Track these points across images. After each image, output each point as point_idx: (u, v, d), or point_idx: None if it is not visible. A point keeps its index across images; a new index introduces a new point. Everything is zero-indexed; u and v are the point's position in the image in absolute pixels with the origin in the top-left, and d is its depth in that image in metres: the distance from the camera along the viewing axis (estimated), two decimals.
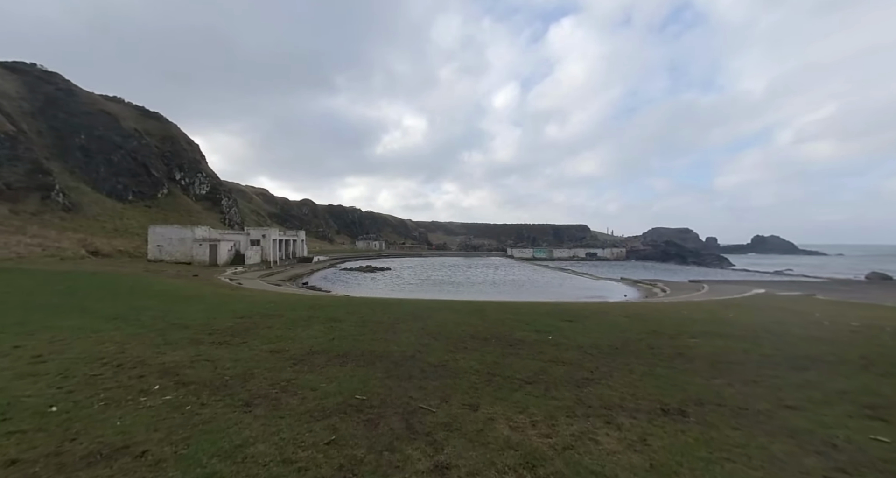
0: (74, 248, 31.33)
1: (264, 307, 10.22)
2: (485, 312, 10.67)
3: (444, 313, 10.06)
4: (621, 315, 10.24)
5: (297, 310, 9.90)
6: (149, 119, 64.51)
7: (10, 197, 39.98)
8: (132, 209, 53.02)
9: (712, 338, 7.35)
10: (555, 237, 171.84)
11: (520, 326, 8.16)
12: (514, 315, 9.98)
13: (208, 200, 66.78)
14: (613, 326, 8.48)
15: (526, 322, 8.75)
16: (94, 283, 15.37)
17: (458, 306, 11.80)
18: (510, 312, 10.77)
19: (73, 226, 40.48)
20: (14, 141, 42.89)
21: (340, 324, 7.83)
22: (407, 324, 8.13)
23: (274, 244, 41.14)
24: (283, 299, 12.73)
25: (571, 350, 6.08)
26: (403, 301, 13.56)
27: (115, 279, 17.08)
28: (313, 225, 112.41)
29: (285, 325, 7.62)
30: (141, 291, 13.14)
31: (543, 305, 12.69)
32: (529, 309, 11.52)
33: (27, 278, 15.83)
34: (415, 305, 11.83)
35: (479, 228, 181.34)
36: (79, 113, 52.75)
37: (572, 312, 10.68)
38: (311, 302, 11.98)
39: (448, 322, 8.59)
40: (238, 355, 5.17)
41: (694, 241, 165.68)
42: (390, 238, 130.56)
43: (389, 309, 10.74)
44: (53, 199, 43.32)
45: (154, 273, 23.27)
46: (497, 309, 11.32)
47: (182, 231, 33.41)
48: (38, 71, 53.30)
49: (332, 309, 10.35)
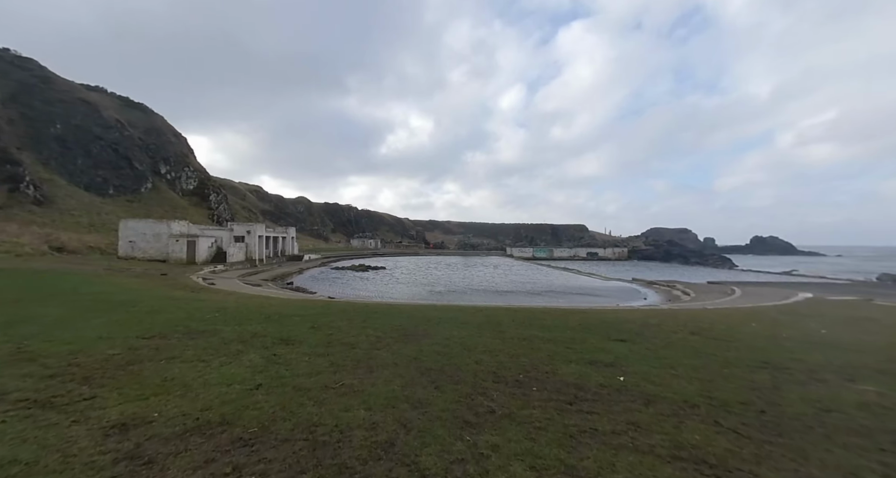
0: (36, 243, 28.40)
1: (202, 319, 7.52)
2: (501, 324, 8.03)
3: (447, 328, 7.42)
4: (684, 331, 7.64)
5: (245, 323, 7.22)
6: (132, 109, 61.41)
7: None
8: (112, 204, 49.99)
9: (874, 376, 4.77)
10: (553, 237, 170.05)
11: (561, 353, 5.54)
12: (541, 331, 7.36)
13: (196, 196, 63.78)
14: (692, 352, 5.87)
15: (565, 344, 6.13)
16: (14, 283, 12.59)
17: (464, 316, 9.16)
18: (534, 324, 8.15)
19: (42, 220, 37.48)
20: None
21: (291, 350, 5.17)
22: (392, 348, 5.48)
23: (260, 241, 38.33)
24: (241, 306, 10.04)
25: (679, 410, 3.47)
26: (394, 307, 10.92)
27: (49, 279, 14.30)
28: (308, 223, 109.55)
29: (205, 352, 4.95)
30: (62, 295, 10.40)
31: (571, 314, 10.08)
32: (556, 320, 8.90)
33: None
34: (408, 314, 9.19)
35: (477, 227, 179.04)
36: (54, 101, 49.64)
37: (617, 326, 8.07)
38: (275, 310, 9.31)
39: (453, 344, 5.95)
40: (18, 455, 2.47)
41: (692, 241, 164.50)
42: (387, 237, 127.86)
43: (373, 320, 8.09)
44: (22, 191, 40.32)
45: (115, 272, 20.46)
46: (515, 320, 8.69)
47: (157, 226, 30.56)
48: (10, 56, 50.13)
49: (295, 321, 7.69)
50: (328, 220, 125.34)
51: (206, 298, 12.11)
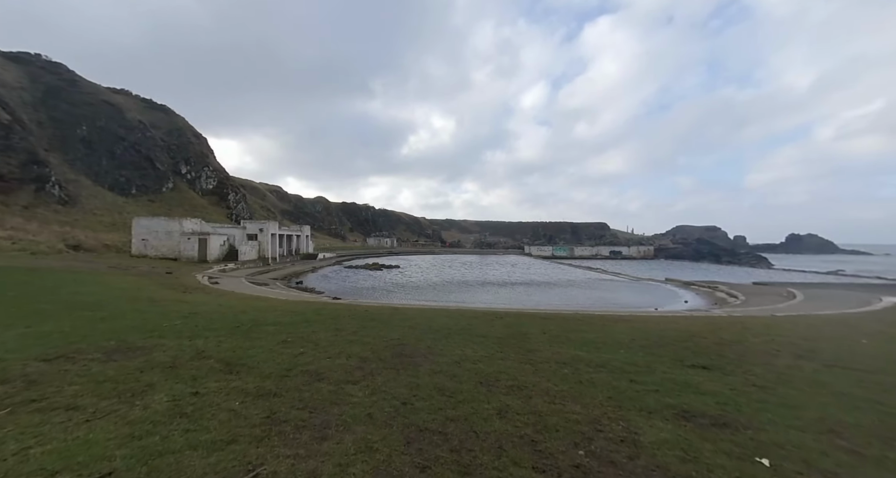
0: (53, 242, 28.53)
1: (153, 329, 6.07)
2: (528, 338, 6.20)
3: (457, 343, 5.68)
4: (788, 353, 5.56)
5: (202, 335, 5.69)
6: (155, 111, 62.71)
7: (1, 189, 37.97)
8: (134, 203, 50.92)
9: None
10: (573, 235, 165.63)
11: (627, 393, 3.66)
12: (585, 349, 5.49)
13: (215, 195, 64.61)
14: (834, 396, 3.86)
15: (627, 375, 4.24)
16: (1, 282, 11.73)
17: (481, 326, 7.35)
18: (572, 338, 6.26)
19: (64, 219, 38.19)
20: (8, 131, 40.99)
21: (225, 385, 3.52)
22: (375, 382, 3.76)
23: (273, 239, 37.71)
24: (219, 310, 8.61)
25: None
26: (398, 312, 9.24)
27: (35, 278, 13.47)
28: (326, 222, 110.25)
29: (98, 388, 3.38)
30: (28, 296, 9.30)
31: (614, 324, 8.10)
32: (599, 332, 6.97)
33: None
34: (411, 322, 7.48)
35: (493, 225, 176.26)
36: (81, 104, 50.99)
37: (683, 343, 6.08)
38: (254, 316, 7.81)
39: (464, 373, 4.18)
40: None
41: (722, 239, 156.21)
42: (403, 236, 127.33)
43: (367, 330, 6.43)
44: (48, 191, 41.31)
45: (118, 270, 19.82)
46: (546, 331, 6.82)
47: (168, 223, 30.22)
48: (41, 61, 51.86)
49: (267, 333, 6.12)
50: (346, 219, 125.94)
51: (191, 299, 10.82)
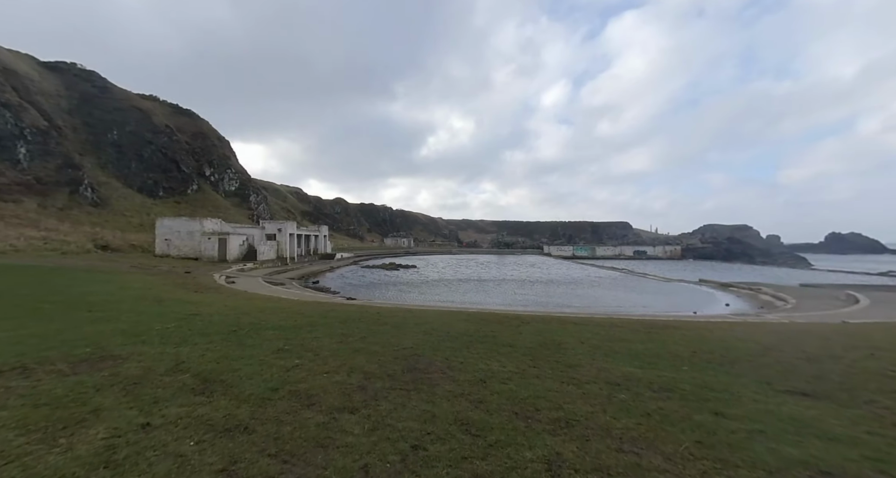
0: (82, 242, 29.48)
1: (143, 334, 5.47)
2: (564, 349, 5.21)
3: (479, 356, 4.77)
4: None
5: (191, 341, 5.02)
6: (180, 116, 64.78)
7: (39, 191, 39.80)
8: (161, 205, 52.57)
9: None
10: (593, 235, 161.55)
11: (718, 433, 2.65)
12: (636, 365, 4.46)
13: (237, 196, 66.14)
14: None
15: (708, 405, 3.20)
16: (19, 281, 11.70)
17: (506, 333, 6.40)
18: (618, 350, 5.22)
19: (97, 221, 39.65)
20: (46, 136, 43.03)
21: (187, 412, 2.75)
22: (378, 411, 2.91)
23: (291, 239, 37.86)
24: (222, 312, 8.04)
25: None
26: (412, 315, 8.40)
27: (54, 276, 13.48)
28: (345, 223, 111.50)
29: (37, 418, 2.67)
30: (37, 295, 9.05)
31: (661, 331, 6.96)
32: (648, 341, 5.88)
33: None
34: (427, 328, 6.63)
35: (511, 225, 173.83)
36: (112, 109, 53.12)
37: (759, 359, 4.94)
38: (255, 319, 7.16)
39: (491, 397, 3.28)
40: None
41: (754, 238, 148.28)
42: (420, 236, 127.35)
43: (376, 337, 5.62)
44: (82, 194, 43.04)
45: (138, 270, 19.99)
46: (584, 340, 5.79)
47: (190, 224, 30.68)
48: (76, 69, 54.38)
49: (264, 339, 5.40)
50: (364, 220, 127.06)
51: (199, 299, 10.37)
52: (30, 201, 37.40)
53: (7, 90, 43.29)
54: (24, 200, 36.85)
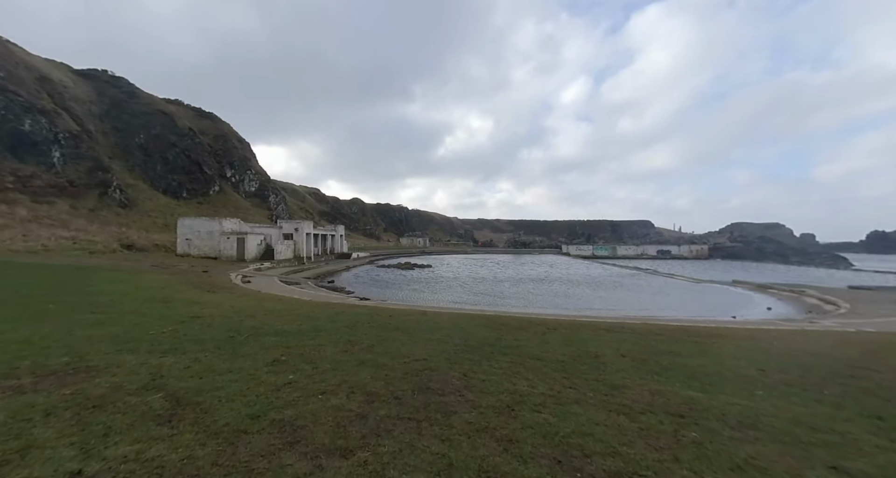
0: (109, 242, 30.39)
1: (134, 340, 5.03)
2: (605, 367, 4.40)
3: (504, 372, 4.06)
4: None
5: (180, 349, 4.53)
6: (203, 119, 66.60)
7: (71, 193, 41.49)
8: (185, 206, 54.09)
9: None
10: (613, 234, 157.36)
11: None
12: (699, 388, 3.64)
13: (257, 197, 67.51)
14: None
15: (823, 458, 2.38)
16: (39, 280, 11.78)
17: (531, 341, 5.64)
18: (668, 367, 4.38)
19: (124, 221, 41.02)
20: (78, 140, 44.86)
21: (146, 448, 2.17)
22: (381, 448, 2.25)
23: (308, 238, 38.02)
24: (226, 314, 7.62)
25: None
26: (427, 318, 7.74)
27: (80, 276, 13.58)
28: (362, 223, 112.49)
29: None
30: (43, 295, 8.91)
31: (713, 342, 6.03)
32: (705, 358, 4.99)
33: None
34: (442, 335, 5.96)
35: (528, 224, 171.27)
36: (139, 114, 55.03)
37: (858, 382, 4.01)
38: (258, 323, 6.67)
39: (524, 435, 2.56)
40: None
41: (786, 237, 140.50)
42: (436, 236, 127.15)
43: (385, 345, 4.99)
44: (111, 195, 44.65)
45: (158, 269, 20.22)
46: (626, 356, 4.96)
47: (209, 223, 31.16)
48: (107, 76, 56.63)
49: (262, 346, 4.86)
50: (380, 219, 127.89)
51: (208, 300, 10.06)
52: (62, 203, 38.99)
53: (43, 97, 45.40)
54: (58, 202, 38.45)
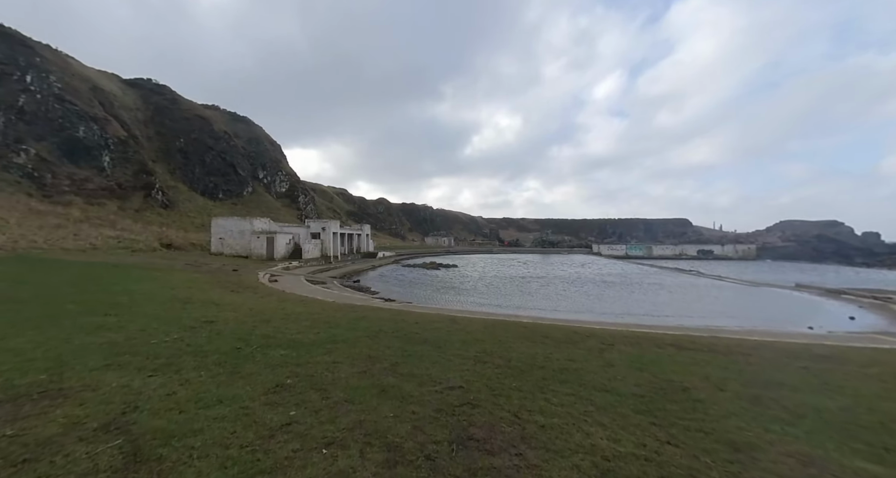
0: (150, 241, 31.80)
1: (127, 352, 4.43)
2: (705, 408, 3.26)
3: (566, 411, 3.03)
4: None
5: (170, 368, 3.84)
6: (238, 122, 69.28)
7: (119, 195, 44.11)
8: (221, 206, 56.38)
9: None
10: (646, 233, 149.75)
11: None
12: (872, 455, 2.43)
13: (287, 198, 69.42)
14: None
15: None
16: (73, 276, 11.97)
17: (590, 362, 4.54)
18: (797, 410, 3.17)
19: (165, 221, 43.12)
20: (125, 145, 47.69)
21: None
22: None
23: (335, 238, 38.22)
24: (243, 320, 7.05)
25: None
26: (457, 325, 6.81)
27: (112, 274, 13.79)
28: (387, 222, 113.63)
29: None
30: (78, 295, 8.79)
31: (835, 368, 4.68)
32: (845, 396, 3.72)
33: (21, 267, 13.25)
34: (478, 351, 5.00)
35: (555, 223, 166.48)
36: (180, 119, 57.92)
37: None
38: (274, 328, 6.00)
39: None
40: None
41: (847, 236, 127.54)
42: (460, 235, 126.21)
43: (409, 366, 4.10)
44: (154, 197, 47.14)
45: (191, 267, 20.61)
46: (726, 390, 3.77)
47: (241, 223, 31.88)
48: (151, 85, 60.08)
49: (274, 361, 4.11)
50: (405, 219, 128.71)
51: (229, 301, 9.65)
52: (111, 204, 41.47)
53: (95, 106, 48.61)
54: (107, 203, 40.92)
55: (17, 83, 40.09)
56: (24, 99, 39.64)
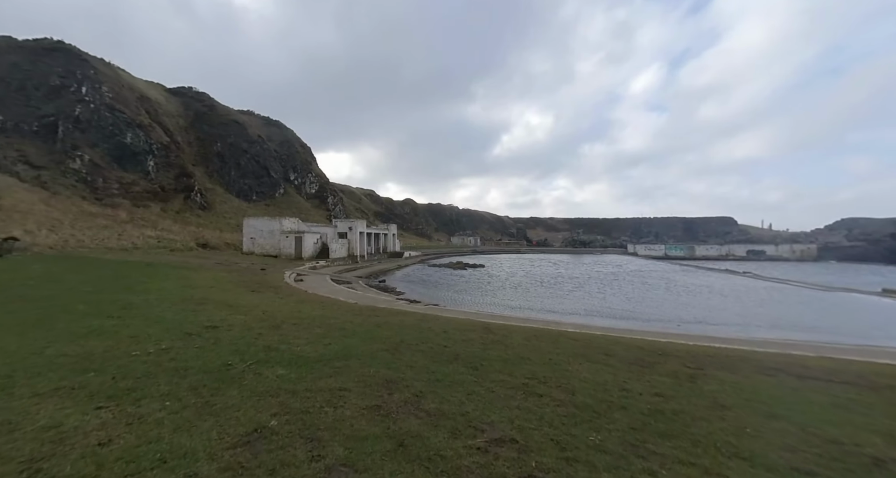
0: (187, 240, 32.95)
1: (100, 369, 3.65)
2: None
3: (662, 451, 1.76)
4: None
5: (133, 394, 2.98)
6: (270, 126, 71.61)
7: (162, 197, 46.48)
8: (254, 208, 58.32)
9: None
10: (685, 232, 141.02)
11: None
12: None
13: (317, 199, 70.90)
14: None
15: None
16: (102, 275, 11.97)
17: (695, 407, 3.26)
18: None
19: (202, 222, 44.92)
20: (167, 150, 50.27)
21: None
22: None
23: (361, 237, 38.09)
24: (250, 326, 6.29)
25: None
26: (493, 336, 5.66)
27: (140, 272, 13.81)
28: (414, 223, 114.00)
29: None
30: (95, 294, 8.47)
31: None
32: None
33: (60, 266, 13.53)
34: (525, 374, 3.84)
35: (585, 223, 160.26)
36: (217, 124, 60.54)
37: None
38: (279, 338, 5.14)
39: None
40: None
41: None
42: (486, 235, 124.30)
43: (438, 396, 2.98)
44: (193, 199, 49.33)
45: (221, 266, 20.76)
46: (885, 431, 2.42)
47: (270, 223, 32.32)
48: (192, 92, 63.27)
49: (267, 387, 3.16)
50: (431, 219, 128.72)
51: (245, 303, 9.03)
52: (155, 206, 43.69)
53: (141, 113, 51.63)
54: (151, 205, 43.14)
55: (74, 94, 43.11)
56: (80, 109, 42.55)
